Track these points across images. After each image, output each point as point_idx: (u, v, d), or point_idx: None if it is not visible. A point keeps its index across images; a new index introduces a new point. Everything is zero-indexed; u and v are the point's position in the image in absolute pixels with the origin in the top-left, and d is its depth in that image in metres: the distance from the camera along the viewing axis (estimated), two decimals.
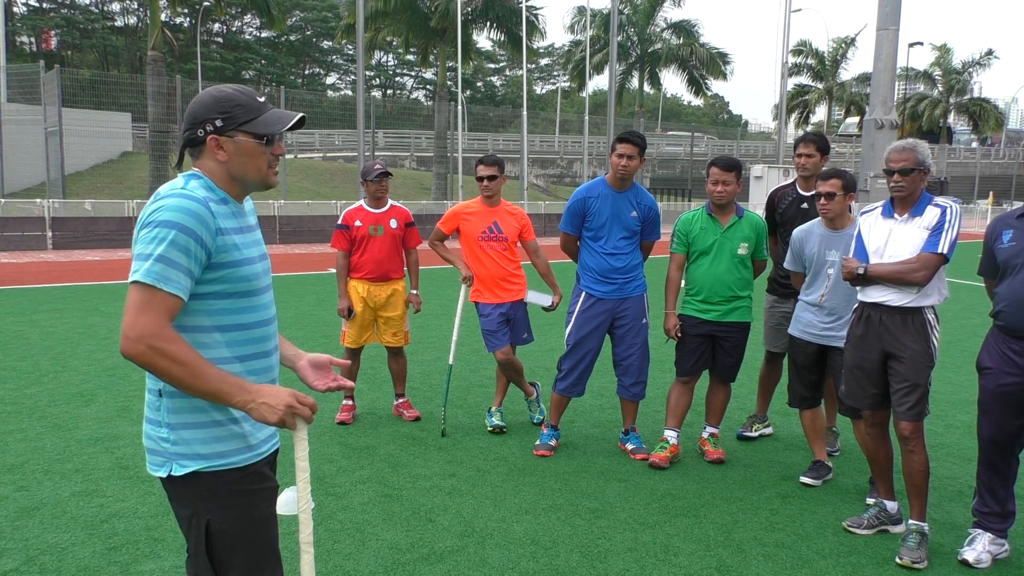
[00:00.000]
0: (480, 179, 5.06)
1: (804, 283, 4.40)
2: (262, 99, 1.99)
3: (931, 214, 3.56)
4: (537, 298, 5.24)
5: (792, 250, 4.39)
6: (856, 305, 3.78)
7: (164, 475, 1.96)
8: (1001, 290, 3.50)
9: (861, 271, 3.60)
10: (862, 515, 3.86)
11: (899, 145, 3.62)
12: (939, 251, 3.48)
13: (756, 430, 5.24)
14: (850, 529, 3.81)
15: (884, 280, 3.57)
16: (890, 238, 3.61)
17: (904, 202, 3.61)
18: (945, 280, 3.63)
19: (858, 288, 3.73)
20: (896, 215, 3.64)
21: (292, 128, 2.01)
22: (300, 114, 2.00)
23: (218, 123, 1.93)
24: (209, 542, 1.97)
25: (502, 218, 5.11)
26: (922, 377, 3.55)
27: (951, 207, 3.56)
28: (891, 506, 3.84)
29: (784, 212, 4.94)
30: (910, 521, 3.67)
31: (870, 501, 4.03)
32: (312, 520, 2.00)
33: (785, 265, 4.55)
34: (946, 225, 3.51)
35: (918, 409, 3.56)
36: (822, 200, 4.16)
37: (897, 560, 3.54)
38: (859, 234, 3.75)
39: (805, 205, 4.83)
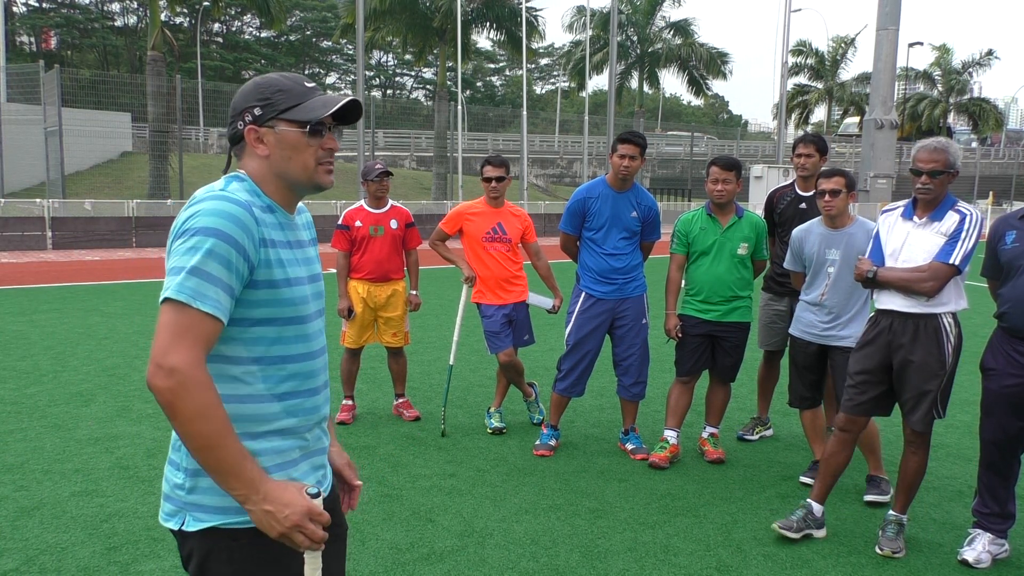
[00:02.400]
0: (488, 180, 5.04)
1: (804, 283, 4.39)
2: (310, 84, 1.71)
3: (950, 220, 3.45)
4: (538, 300, 5.24)
5: (792, 250, 4.37)
6: (872, 314, 3.71)
7: (175, 528, 1.66)
8: (1005, 291, 3.47)
9: (871, 275, 3.54)
10: (790, 517, 3.76)
11: (931, 144, 3.48)
12: (951, 262, 3.37)
13: (757, 432, 5.23)
14: (782, 532, 3.69)
15: (892, 286, 3.51)
16: (906, 241, 3.52)
17: (927, 205, 3.52)
18: (962, 288, 3.54)
19: (873, 292, 3.66)
20: (915, 218, 3.54)
21: (343, 118, 1.69)
22: (348, 96, 1.68)
23: (256, 112, 1.66)
24: None
25: (506, 219, 5.11)
26: (932, 384, 3.49)
27: (971, 215, 3.44)
28: (817, 509, 3.77)
29: (783, 212, 4.94)
30: (890, 512, 3.70)
31: (805, 480, 4.38)
32: None
33: (785, 265, 4.54)
34: (963, 235, 3.40)
35: (928, 418, 3.53)
36: (826, 197, 4.10)
37: (877, 550, 3.60)
38: (877, 234, 3.68)
39: (804, 205, 4.83)
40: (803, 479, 4.45)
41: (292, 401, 1.70)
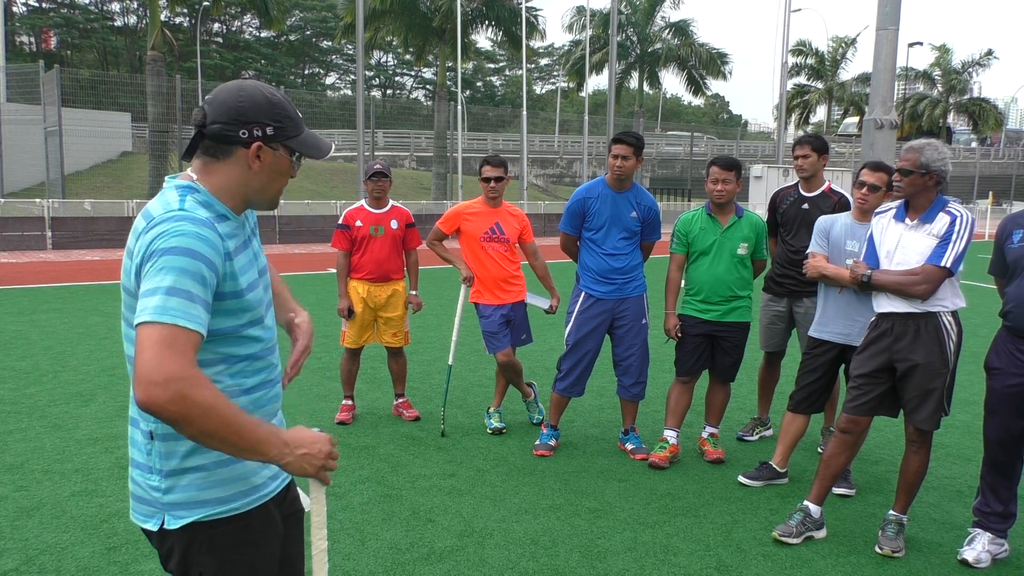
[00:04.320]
0: (486, 180, 5.04)
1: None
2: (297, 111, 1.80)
3: (941, 222, 3.46)
4: (536, 300, 5.24)
5: (818, 230, 4.19)
6: (873, 318, 3.69)
7: (154, 528, 1.70)
8: (1010, 290, 3.47)
9: (866, 278, 3.54)
10: (788, 523, 3.75)
11: (908, 144, 3.53)
12: (942, 264, 3.38)
13: (757, 433, 5.23)
14: (782, 539, 3.68)
15: (886, 290, 3.51)
16: (899, 243, 3.53)
17: (916, 205, 3.52)
18: (958, 287, 3.53)
19: (872, 295, 3.65)
20: (907, 219, 3.55)
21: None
22: (333, 144, 1.83)
23: (269, 131, 1.68)
24: None
25: (504, 219, 5.11)
26: (936, 383, 3.49)
27: (961, 216, 3.45)
28: (815, 510, 3.76)
29: (785, 212, 4.89)
30: (890, 512, 3.70)
31: (743, 480, 4.36)
32: None
33: (810, 249, 4.27)
34: (954, 236, 3.41)
35: (936, 416, 3.53)
36: (864, 190, 4.03)
37: (877, 549, 3.60)
38: (871, 236, 3.68)
39: (807, 206, 4.77)
40: (741, 479, 4.38)
41: (257, 394, 1.78)
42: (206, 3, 36.46)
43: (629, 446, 4.86)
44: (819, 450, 4.88)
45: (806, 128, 50.51)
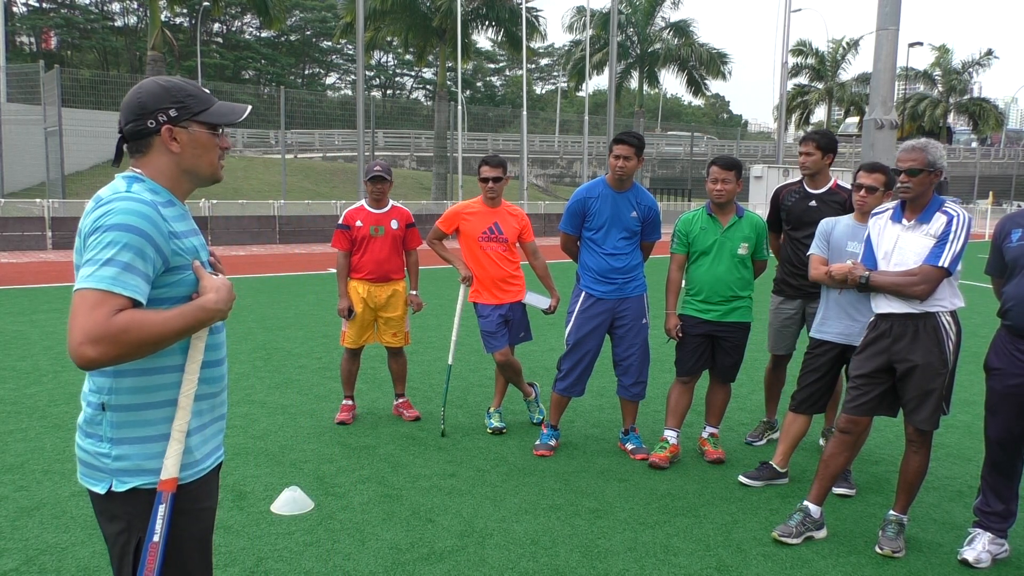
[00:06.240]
0: (484, 180, 5.04)
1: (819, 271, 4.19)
2: (206, 90, 1.94)
3: (938, 222, 3.46)
4: (535, 300, 5.23)
5: (820, 232, 4.20)
6: (872, 318, 3.69)
7: (102, 491, 1.84)
8: (1009, 289, 3.47)
9: (864, 280, 3.54)
10: (788, 523, 3.75)
11: (909, 144, 3.52)
12: (940, 264, 3.38)
13: (767, 437, 5.18)
14: (782, 539, 3.68)
15: (884, 291, 3.52)
16: (897, 244, 3.53)
17: (913, 206, 3.53)
18: (956, 287, 3.54)
19: (871, 296, 3.65)
20: (904, 220, 3.55)
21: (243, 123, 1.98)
22: (249, 106, 1.96)
23: (172, 113, 1.84)
24: (137, 563, 1.84)
25: (503, 219, 5.10)
26: (936, 383, 3.48)
27: (958, 216, 3.44)
28: (815, 510, 3.76)
29: (791, 209, 4.79)
30: (891, 512, 3.70)
31: (744, 480, 4.35)
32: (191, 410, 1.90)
33: (811, 251, 4.26)
34: (951, 236, 3.41)
35: (935, 416, 3.53)
36: (862, 192, 4.02)
37: (877, 549, 3.60)
38: (868, 237, 3.68)
39: (814, 203, 4.70)
40: (742, 479, 4.39)
41: (204, 371, 1.92)
42: (206, 3, 36.47)
43: (629, 446, 4.86)
44: (820, 443, 4.87)
45: (806, 128, 50.41)
